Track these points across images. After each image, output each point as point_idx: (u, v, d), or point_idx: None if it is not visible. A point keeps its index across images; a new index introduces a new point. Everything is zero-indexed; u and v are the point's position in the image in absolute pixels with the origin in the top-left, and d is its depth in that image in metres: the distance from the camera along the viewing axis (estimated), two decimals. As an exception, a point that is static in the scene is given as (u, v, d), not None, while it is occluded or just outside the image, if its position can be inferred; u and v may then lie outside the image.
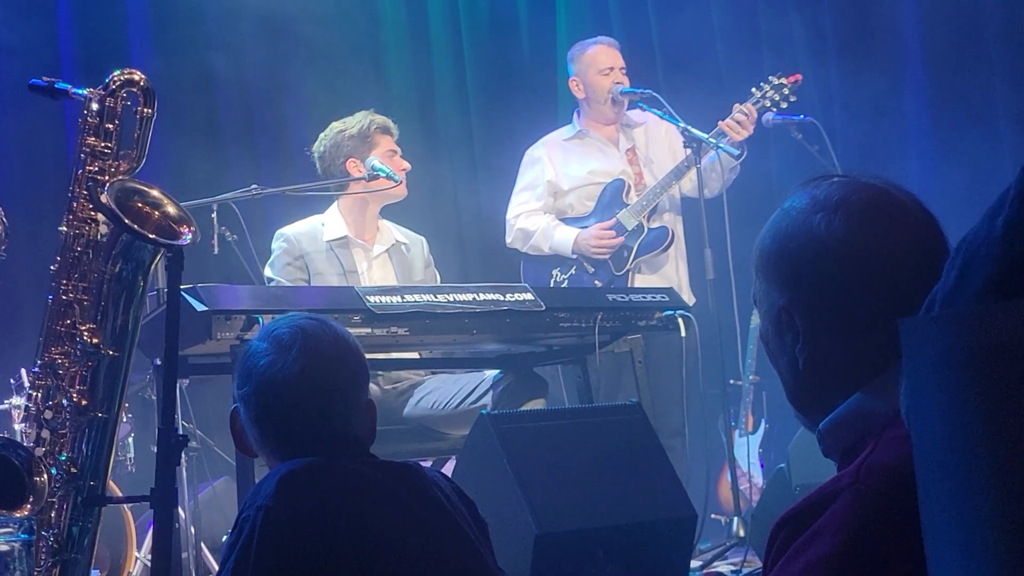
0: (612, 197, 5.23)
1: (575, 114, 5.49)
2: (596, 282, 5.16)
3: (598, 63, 5.32)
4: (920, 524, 0.96)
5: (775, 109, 5.19)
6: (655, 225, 5.21)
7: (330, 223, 4.67)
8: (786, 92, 5.21)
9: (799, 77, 5.24)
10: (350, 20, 6.59)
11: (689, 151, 5.07)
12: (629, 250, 5.15)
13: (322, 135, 4.77)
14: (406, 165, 4.73)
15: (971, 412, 0.84)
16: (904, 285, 1.36)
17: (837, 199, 1.40)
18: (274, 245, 4.63)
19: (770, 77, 5.25)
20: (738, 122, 5.07)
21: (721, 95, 5.61)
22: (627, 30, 6.56)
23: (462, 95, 6.84)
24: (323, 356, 2.17)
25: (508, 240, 5.33)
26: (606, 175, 5.28)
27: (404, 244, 4.77)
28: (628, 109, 5.41)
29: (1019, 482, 0.82)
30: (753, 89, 5.23)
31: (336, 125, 4.76)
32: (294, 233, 4.62)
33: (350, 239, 4.65)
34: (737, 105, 5.14)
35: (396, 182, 4.58)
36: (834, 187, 1.42)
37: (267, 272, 4.61)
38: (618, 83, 5.29)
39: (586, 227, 5.21)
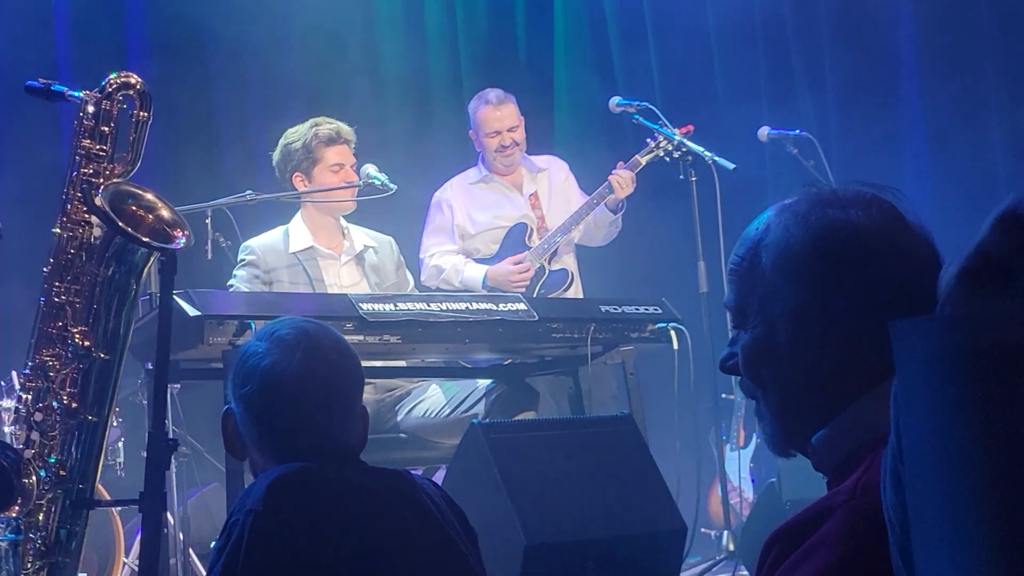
0: (516, 240, 5.39)
1: (479, 157, 5.54)
2: None
3: (485, 126, 5.41)
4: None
5: (668, 159, 5.25)
6: (556, 267, 5.35)
7: (295, 233, 4.60)
8: (678, 141, 5.24)
9: (691, 128, 5.30)
10: (348, 28, 6.59)
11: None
12: (532, 290, 5.26)
13: (280, 141, 4.69)
14: (353, 178, 4.61)
15: (962, 414, 0.84)
16: (922, 288, 1.33)
17: (853, 195, 1.38)
18: (241, 256, 4.54)
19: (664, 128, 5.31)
20: (618, 183, 5.22)
21: (718, 103, 5.63)
22: (626, 52, 6.59)
23: (460, 111, 6.84)
24: (326, 358, 2.16)
25: (423, 278, 5.37)
26: (510, 219, 5.42)
27: (372, 248, 4.69)
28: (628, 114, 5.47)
29: (1011, 486, 0.81)
30: (648, 140, 5.31)
31: (287, 133, 4.68)
32: (260, 246, 4.55)
33: (316, 249, 4.58)
34: (620, 163, 5.27)
35: (391, 190, 4.55)
36: (840, 189, 1.41)
37: (232, 281, 4.51)
38: (503, 145, 5.36)
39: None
